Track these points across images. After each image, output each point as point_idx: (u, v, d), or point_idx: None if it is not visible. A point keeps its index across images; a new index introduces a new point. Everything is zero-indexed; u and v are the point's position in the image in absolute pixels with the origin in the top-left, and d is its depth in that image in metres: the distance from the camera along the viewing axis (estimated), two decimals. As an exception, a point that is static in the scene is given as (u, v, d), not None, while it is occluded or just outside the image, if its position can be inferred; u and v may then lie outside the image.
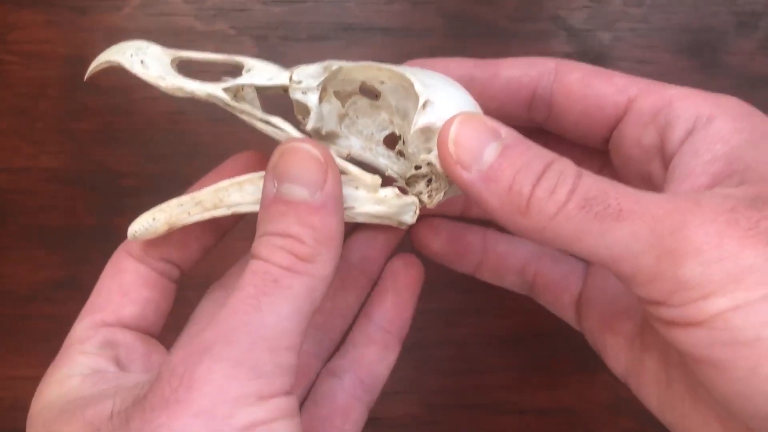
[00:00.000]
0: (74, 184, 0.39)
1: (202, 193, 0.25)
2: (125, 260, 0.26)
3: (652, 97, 0.25)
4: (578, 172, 0.21)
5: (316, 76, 0.25)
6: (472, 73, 0.27)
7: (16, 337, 0.39)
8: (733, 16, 0.39)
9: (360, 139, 0.27)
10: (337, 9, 0.38)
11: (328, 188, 0.22)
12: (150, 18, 0.38)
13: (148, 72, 0.24)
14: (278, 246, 0.22)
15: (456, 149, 0.22)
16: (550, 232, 0.21)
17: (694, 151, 0.23)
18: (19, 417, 0.40)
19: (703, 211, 0.19)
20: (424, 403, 0.40)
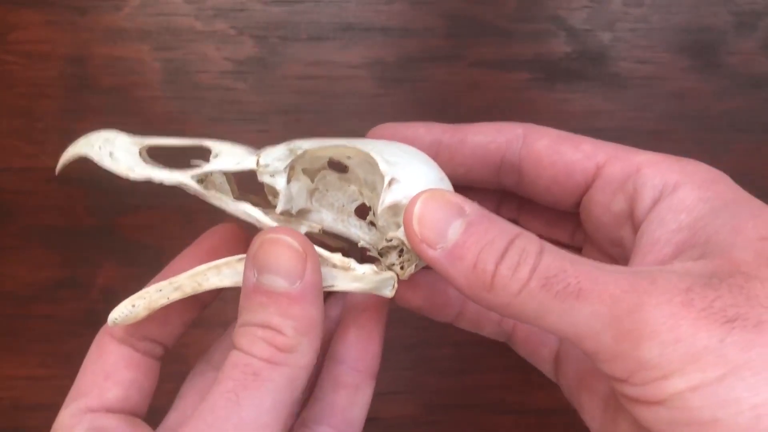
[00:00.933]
0: (74, 184, 0.39)
1: (180, 278, 0.25)
2: (107, 343, 0.27)
3: (620, 164, 0.25)
4: (540, 249, 0.21)
5: (282, 158, 0.25)
6: (440, 138, 0.27)
7: (16, 337, 0.39)
8: (733, 16, 0.39)
9: (331, 211, 0.27)
10: (337, 9, 0.38)
11: (307, 277, 0.23)
12: (150, 18, 0.38)
13: (117, 165, 0.25)
14: (258, 337, 0.22)
15: (420, 228, 0.22)
16: (515, 308, 0.21)
17: (660, 220, 0.23)
18: (19, 417, 0.40)
19: (659, 292, 0.20)
20: (424, 403, 0.40)
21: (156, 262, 0.39)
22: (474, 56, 0.39)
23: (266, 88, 0.39)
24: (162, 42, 0.38)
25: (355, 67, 0.39)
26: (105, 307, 0.39)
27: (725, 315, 0.19)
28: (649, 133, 0.40)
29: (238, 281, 0.25)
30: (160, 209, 0.39)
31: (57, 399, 0.40)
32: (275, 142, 0.41)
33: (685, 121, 0.39)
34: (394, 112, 0.39)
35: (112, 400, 0.26)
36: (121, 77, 0.38)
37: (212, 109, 0.39)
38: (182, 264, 0.27)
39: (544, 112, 0.39)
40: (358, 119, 0.39)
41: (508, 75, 0.39)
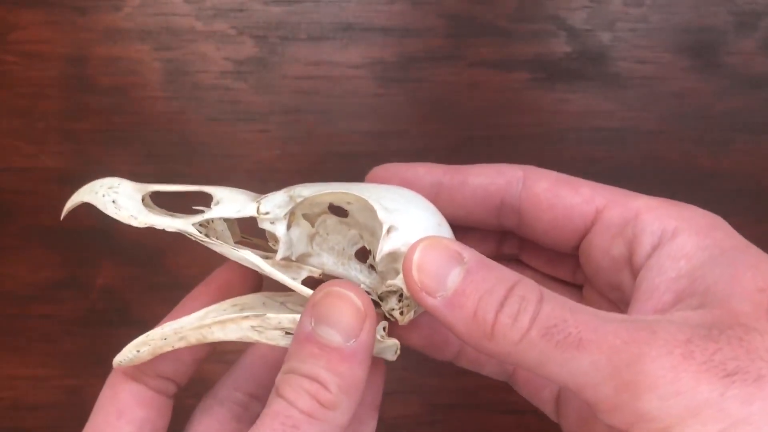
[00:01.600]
0: (74, 184, 0.39)
1: (186, 329, 0.26)
2: (120, 381, 0.27)
3: (619, 209, 0.25)
4: (540, 297, 0.21)
5: (282, 206, 0.26)
6: (440, 180, 0.28)
7: (16, 337, 0.39)
8: (733, 16, 0.39)
9: (332, 255, 0.28)
10: (337, 9, 0.38)
11: (362, 337, 0.23)
12: (150, 18, 0.38)
13: (120, 212, 0.26)
14: (304, 389, 0.22)
15: (420, 276, 0.22)
16: (516, 356, 0.21)
17: (659, 267, 0.23)
18: (19, 417, 0.40)
19: (659, 344, 0.20)
20: (424, 403, 0.40)
21: (156, 262, 0.39)
22: (474, 56, 0.39)
23: (266, 88, 0.39)
24: (162, 42, 0.38)
25: (355, 67, 0.39)
26: (105, 307, 0.39)
27: (725, 368, 0.19)
28: (649, 133, 0.40)
29: (241, 336, 0.25)
30: (160, 209, 0.39)
31: (57, 399, 0.40)
32: (275, 142, 0.41)
33: (685, 121, 0.39)
34: (394, 112, 0.39)
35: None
36: (121, 77, 0.38)
37: (212, 109, 0.39)
38: (194, 303, 0.27)
39: (544, 112, 0.39)
40: (358, 119, 0.39)
41: (508, 75, 0.39)
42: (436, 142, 0.39)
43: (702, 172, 0.40)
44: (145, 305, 0.39)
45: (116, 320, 0.39)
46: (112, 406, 0.26)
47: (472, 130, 0.39)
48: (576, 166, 0.40)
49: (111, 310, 0.39)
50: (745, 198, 0.40)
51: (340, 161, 0.39)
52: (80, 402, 0.40)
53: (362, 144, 0.39)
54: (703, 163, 0.40)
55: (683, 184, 0.40)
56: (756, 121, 0.39)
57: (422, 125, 0.39)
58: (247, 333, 0.25)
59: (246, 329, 0.25)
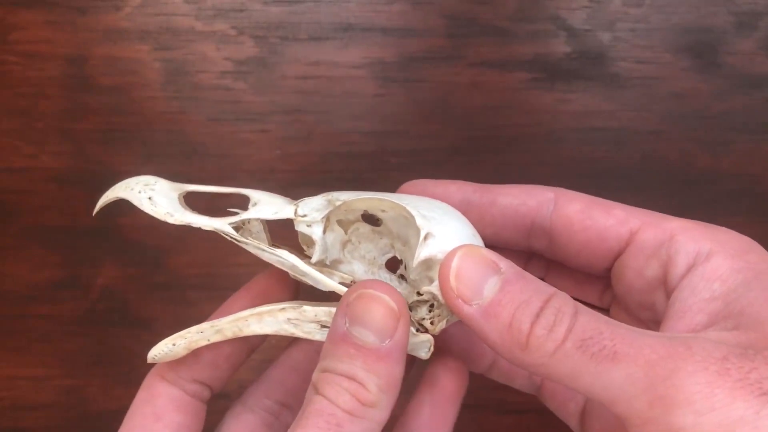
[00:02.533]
0: (74, 184, 0.39)
1: (222, 322, 0.26)
2: (158, 384, 0.27)
3: (654, 230, 0.25)
4: (575, 309, 0.22)
5: (320, 209, 0.26)
6: (470, 198, 0.28)
7: (16, 337, 0.39)
8: (733, 16, 0.39)
9: (363, 263, 0.28)
10: (337, 9, 0.38)
11: (397, 337, 0.23)
12: (150, 18, 0.38)
13: (156, 209, 0.25)
14: (344, 388, 0.22)
15: (457, 284, 0.23)
16: (549, 368, 0.21)
17: (693, 288, 0.24)
18: (19, 417, 0.40)
19: (695, 359, 0.20)
20: (424, 403, 0.40)
21: (156, 262, 0.39)
22: (474, 56, 0.39)
23: (266, 88, 0.39)
24: (162, 42, 0.38)
25: (355, 67, 0.39)
26: (105, 307, 0.39)
27: (761, 387, 0.19)
28: (649, 133, 0.40)
29: (278, 330, 0.25)
30: (160, 209, 0.39)
31: (57, 399, 0.40)
32: (275, 142, 0.41)
33: (685, 121, 0.39)
34: (394, 112, 0.39)
35: None
36: (121, 77, 0.38)
37: (212, 109, 0.39)
38: (232, 307, 0.27)
39: (544, 112, 0.39)
40: (358, 119, 0.39)
41: (508, 75, 0.39)
42: (436, 142, 0.39)
43: (702, 172, 0.40)
44: (145, 305, 0.39)
45: (116, 320, 0.39)
46: (149, 409, 0.26)
47: (472, 130, 0.39)
48: (576, 166, 0.40)
49: (111, 310, 0.39)
50: (745, 198, 0.40)
51: (340, 161, 0.39)
52: (80, 402, 0.40)
53: (362, 144, 0.39)
54: (703, 163, 0.40)
55: (683, 184, 0.40)
56: (756, 121, 0.39)
57: (422, 125, 0.39)
58: (284, 326, 0.25)
59: (282, 321, 0.25)
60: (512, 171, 0.40)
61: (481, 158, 0.40)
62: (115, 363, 0.40)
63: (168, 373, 0.27)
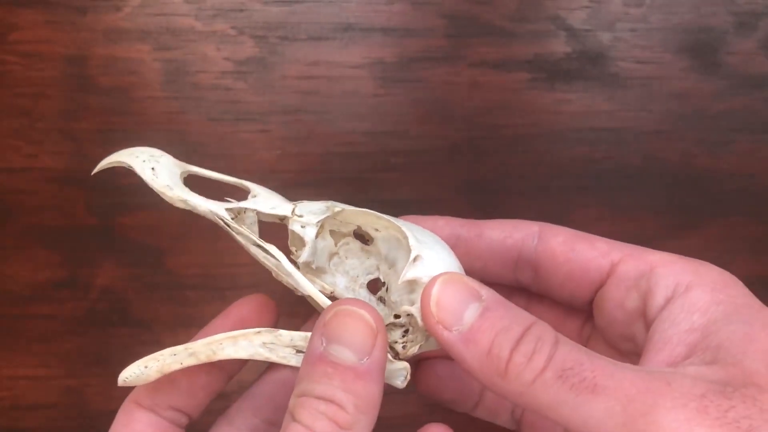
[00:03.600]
0: (74, 184, 0.39)
1: (196, 345, 0.25)
2: (135, 410, 0.27)
3: (634, 263, 0.26)
4: (556, 339, 0.22)
5: (317, 213, 0.26)
6: (458, 232, 0.28)
7: (16, 337, 0.39)
8: (733, 16, 0.39)
9: (345, 278, 0.28)
10: (337, 9, 0.38)
11: (375, 355, 0.23)
12: (150, 18, 0.38)
13: (157, 180, 0.25)
14: (321, 412, 0.22)
15: (437, 310, 0.23)
16: (528, 397, 0.21)
17: (672, 319, 0.24)
18: (19, 417, 0.40)
19: (674, 395, 0.20)
20: (424, 403, 0.40)
21: (156, 262, 0.39)
22: (474, 56, 0.39)
23: (266, 88, 0.39)
24: (162, 42, 0.38)
25: (355, 67, 0.39)
26: (105, 307, 0.39)
27: (739, 426, 0.19)
28: (649, 133, 0.40)
29: (252, 354, 0.25)
30: (160, 209, 0.39)
31: (57, 399, 0.40)
32: (275, 142, 0.41)
33: (685, 121, 0.39)
34: (394, 112, 0.39)
35: None
36: (121, 77, 0.38)
37: (212, 109, 0.39)
38: (210, 333, 0.27)
39: (544, 112, 0.39)
40: (358, 119, 0.39)
41: (508, 75, 0.39)
42: (436, 142, 0.39)
43: (702, 172, 0.40)
44: (145, 305, 0.39)
45: (116, 320, 0.39)
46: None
47: (472, 130, 0.39)
48: (576, 166, 0.40)
49: (111, 310, 0.39)
50: (745, 198, 0.40)
51: (340, 161, 0.39)
52: (80, 402, 0.40)
53: (362, 144, 0.39)
54: (703, 163, 0.40)
55: (683, 184, 0.40)
56: (756, 121, 0.39)
57: (422, 125, 0.39)
58: (259, 350, 0.25)
59: (258, 345, 0.25)
60: (512, 171, 0.40)
61: (481, 158, 0.40)
62: (115, 363, 0.39)
63: (144, 400, 0.26)
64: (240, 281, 0.39)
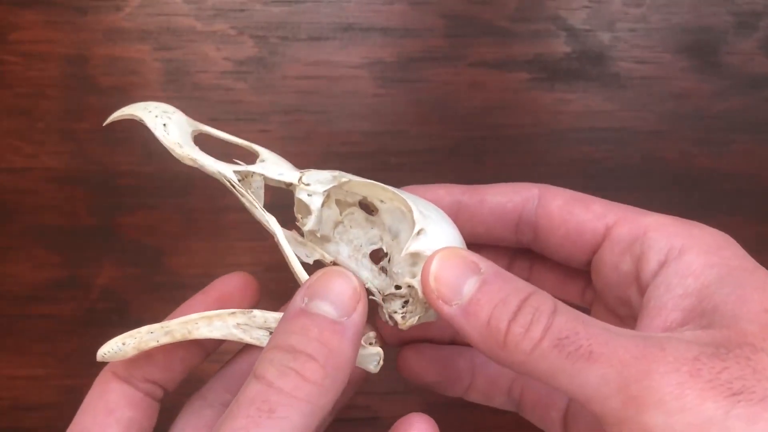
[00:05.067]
0: (74, 184, 0.39)
1: (172, 323, 0.25)
2: (110, 380, 0.27)
3: (629, 226, 0.26)
4: (553, 308, 0.22)
5: (324, 182, 0.26)
6: (460, 199, 0.28)
7: (16, 337, 0.39)
8: (733, 16, 0.39)
9: (349, 247, 0.28)
10: (337, 9, 0.38)
11: (355, 317, 0.23)
12: (150, 18, 0.38)
13: (168, 137, 0.25)
14: (287, 366, 0.21)
15: (437, 285, 0.23)
16: (528, 366, 0.22)
17: (667, 285, 0.24)
18: (19, 417, 0.40)
19: (667, 360, 0.20)
20: (424, 403, 0.40)
21: (156, 262, 0.39)
22: (474, 56, 0.39)
23: (266, 88, 0.39)
24: (162, 42, 0.38)
25: (355, 67, 0.39)
26: (105, 307, 0.39)
27: (731, 387, 0.19)
28: (649, 133, 0.40)
29: (226, 334, 0.25)
30: (160, 209, 0.39)
31: (57, 399, 0.40)
32: (275, 142, 0.41)
33: (685, 121, 0.39)
34: (394, 112, 0.39)
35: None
36: (121, 77, 0.38)
37: (212, 109, 0.39)
38: (189, 309, 0.27)
39: (544, 112, 0.39)
40: (358, 119, 0.39)
41: (508, 75, 0.39)
42: (436, 142, 0.39)
43: (702, 172, 0.40)
44: (145, 305, 0.39)
45: (116, 320, 0.39)
46: (101, 404, 0.26)
47: (472, 130, 0.39)
48: (576, 166, 0.40)
49: (111, 310, 0.39)
50: (745, 198, 0.40)
51: (340, 161, 0.39)
52: (80, 402, 0.40)
53: (362, 144, 0.39)
54: (703, 163, 0.40)
55: (683, 184, 0.40)
56: (756, 121, 0.39)
57: (422, 125, 0.39)
58: (233, 330, 0.25)
59: (231, 326, 0.25)
60: (512, 171, 0.40)
61: (481, 158, 0.40)
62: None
63: (121, 371, 0.27)
64: (240, 281, 0.39)
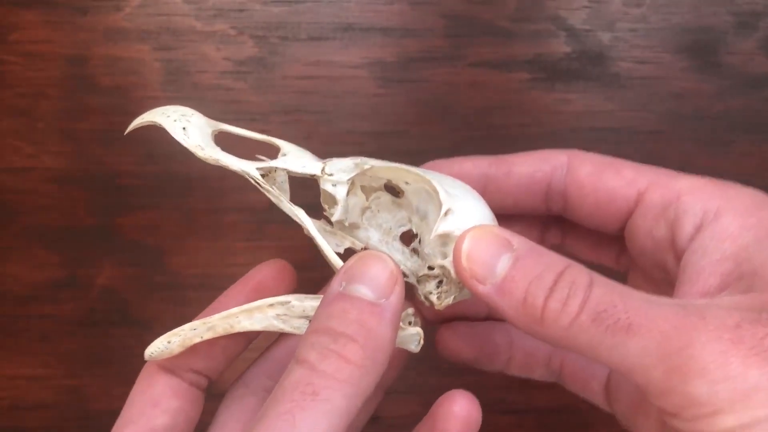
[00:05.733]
0: (74, 184, 0.39)
1: (214, 319, 0.26)
2: (155, 372, 0.27)
3: (661, 191, 0.25)
4: (589, 282, 0.22)
5: (347, 171, 0.26)
6: (486, 172, 0.28)
7: (16, 337, 0.39)
8: (733, 16, 0.39)
9: (378, 232, 0.28)
10: (337, 9, 0.38)
11: (393, 299, 0.22)
12: (150, 18, 0.38)
13: (189, 140, 0.25)
14: (328, 349, 0.21)
15: (469, 264, 0.23)
16: (566, 341, 0.21)
17: (703, 250, 0.23)
18: (19, 417, 0.40)
19: (708, 329, 0.20)
20: (424, 403, 0.40)
21: (156, 262, 0.39)
22: (474, 56, 0.39)
23: (266, 88, 0.39)
24: (162, 42, 0.38)
25: (355, 67, 0.39)
26: (105, 307, 0.39)
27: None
28: (649, 133, 0.40)
29: (267, 326, 0.25)
30: (160, 209, 0.39)
31: (57, 399, 0.40)
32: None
33: (685, 121, 0.39)
34: (394, 112, 0.39)
35: (159, 428, 0.26)
36: (121, 77, 0.38)
37: (212, 109, 0.38)
38: (228, 300, 0.27)
39: (544, 112, 0.39)
40: (358, 119, 0.39)
41: (508, 75, 0.39)
42: (436, 142, 0.39)
43: (702, 172, 0.40)
44: (145, 305, 0.39)
45: (116, 320, 0.39)
46: (148, 396, 0.26)
47: (472, 130, 0.39)
48: (576, 166, 0.40)
49: (111, 310, 0.39)
50: (745, 198, 0.40)
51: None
52: (80, 402, 0.40)
53: (362, 144, 0.39)
54: (703, 164, 0.40)
55: (683, 184, 0.40)
56: (756, 121, 0.39)
57: (422, 125, 0.39)
58: (273, 322, 0.25)
59: (271, 318, 0.25)
60: (512, 171, 0.40)
61: (481, 158, 0.40)
62: (115, 363, 0.40)
63: (165, 362, 0.27)
64: (240, 281, 0.39)
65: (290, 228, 0.35)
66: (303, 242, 0.39)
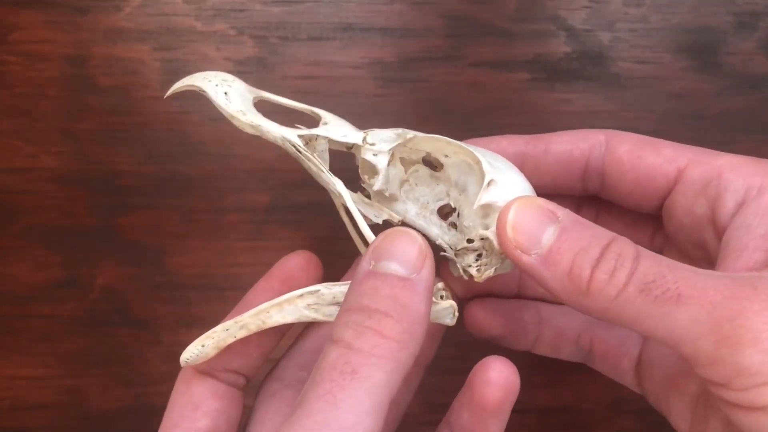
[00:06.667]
0: (74, 184, 0.39)
1: (245, 317, 0.26)
2: (192, 376, 0.27)
3: (701, 168, 0.25)
4: (636, 253, 0.22)
5: (388, 141, 0.26)
6: (523, 150, 0.28)
7: (16, 337, 0.39)
8: (733, 16, 0.39)
9: (416, 205, 0.28)
10: (337, 9, 0.38)
11: (424, 273, 0.22)
12: (150, 18, 0.38)
13: (230, 105, 0.25)
14: (363, 326, 0.21)
15: (514, 234, 0.23)
16: (612, 312, 0.21)
17: (747, 226, 0.23)
18: (19, 417, 0.40)
19: (760, 298, 0.20)
20: (426, 402, 0.40)
21: (156, 262, 0.39)
22: (474, 56, 0.39)
23: (266, 88, 0.38)
24: (162, 42, 0.38)
25: (355, 67, 0.39)
26: (105, 307, 0.39)
27: None
28: (649, 133, 0.39)
29: (299, 317, 0.25)
30: (160, 209, 0.39)
31: (57, 399, 0.40)
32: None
33: (685, 121, 0.39)
34: (394, 112, 0.39)
35: (202, 431, 0.26)
36: (121, 77, 0.38)
37: (212, 109, 0.39)
38: (256, 296, 0.27)
39: (544, 112, 0.39)
40: (358, 119, 0.39)
41: (508, 75, 0.39)
42: (436, 142, 0.39)
43: (702, 172, 0.40)
44: (145, 305, 0.39)
45: (116, 320, 0.39)
46: (186, 400, 0.27)
47: (472, 130, 0.39)
48: (576, 166, 0.40)
49: (111, 310, 0.39)
50: (745, 198, 0.40)
51: (341, 161, 0.39)
52: (80, 402, 0.40)
53: (362, 144, 0.39)
54: (703, 163, 0.40)
55: (683, 184, 0.40)
56: (756, 121, 0.39)
57: (422, 125, 0.39)
58: (304, 312, 0.25)
59: (302, 308, 0.25)
60: (512, 171, 0.40)
61: (481, 158, 0.40)
62: (115, 363, 0.40)
63: (201, 365, 0.27)
64: (240, 281, 0.39)
65: (290, 228, 0.36)
66: (303, 242, 0.39)
